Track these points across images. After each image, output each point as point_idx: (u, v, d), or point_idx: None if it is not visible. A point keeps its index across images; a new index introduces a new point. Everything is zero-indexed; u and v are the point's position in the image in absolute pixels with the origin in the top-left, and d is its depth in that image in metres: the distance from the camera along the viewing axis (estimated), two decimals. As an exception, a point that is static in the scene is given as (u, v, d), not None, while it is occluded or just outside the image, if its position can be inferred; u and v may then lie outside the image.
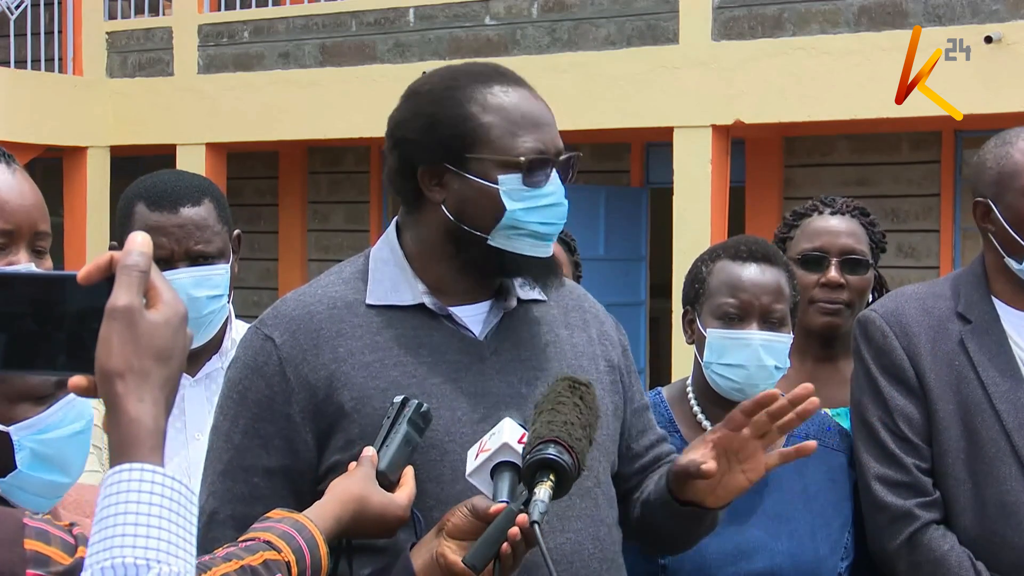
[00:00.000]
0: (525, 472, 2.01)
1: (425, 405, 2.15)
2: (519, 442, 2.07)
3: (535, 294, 2.40)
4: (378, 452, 2.11)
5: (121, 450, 1.40)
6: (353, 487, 2.04)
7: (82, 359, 1.43)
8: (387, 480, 2.09)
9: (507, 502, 2.01)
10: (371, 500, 2.04)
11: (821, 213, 3.43)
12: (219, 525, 2.22)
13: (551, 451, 2.00)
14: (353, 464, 2.11)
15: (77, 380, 1.45)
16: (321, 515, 1.98)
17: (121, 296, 1.42)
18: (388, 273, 2.35)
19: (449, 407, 2.24)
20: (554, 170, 2.28)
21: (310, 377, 2.25)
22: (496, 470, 2.06)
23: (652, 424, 2.56)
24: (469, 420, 2.24)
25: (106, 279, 1.45)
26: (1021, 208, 2.88)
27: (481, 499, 2.04)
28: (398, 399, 2.16)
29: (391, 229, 2.42)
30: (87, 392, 1.44)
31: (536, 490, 1.98)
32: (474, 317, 2.35)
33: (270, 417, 2.25)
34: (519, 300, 2.38)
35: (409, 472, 2.12)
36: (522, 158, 2.25)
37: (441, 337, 2.31)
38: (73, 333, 1.45)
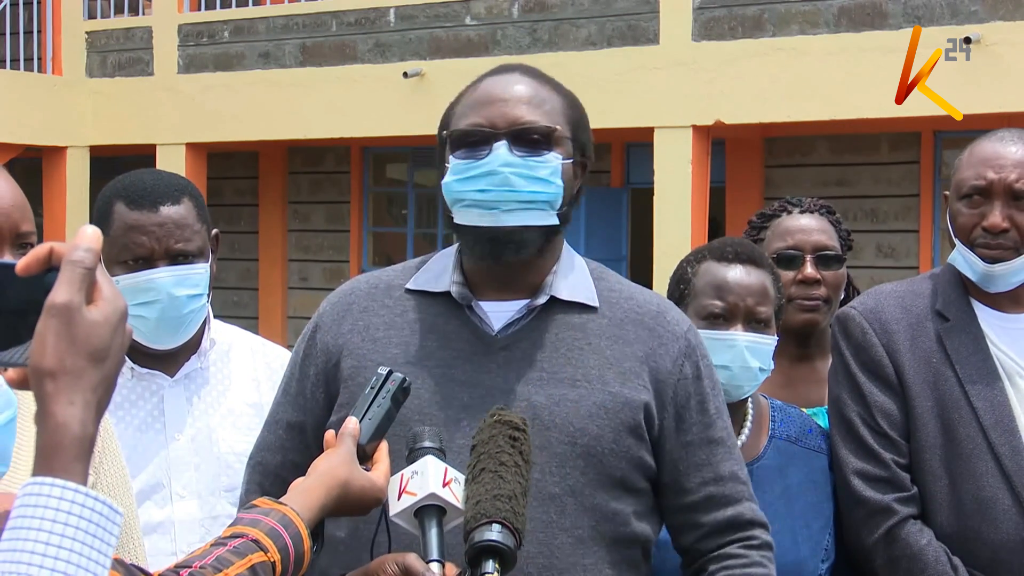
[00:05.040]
0: (468, 551, 2.00)
1: (408, 380, 2.17)
2: (444, 485, 2.07)
3: (583, 298, 2.43)
4: (360, 423, 2.12)
5: (45, 455, 1.38)
6: (338, 471, 2.03)
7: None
8: (363, 453, 2.10)
9: (439, 561, 2.01)
10: (353, 484, 2.03)
11: (790, 213, 3.47)
12: (251, 469, 2.50)
13: (496, 536, 1.98)
14: (330, 434, 2.12)
15: (11, 374, 1.43)
16: (307, 506, 1.97)
17: (61, 292, 1.39)
18: (441, 263, 2.46)
19: (430, 388, 2.31)
20: (501, 142, 2.33)
21: (329, 344, 2.44)
22: (423, 511, 2.06)
23: (714, 461, 2.43)
24: (447, 404, 2.29)
25: (45, 270, 1.42)
26: (952, 205, 2.98)
27: (414, 559, 2.02)
28: (383, 370, 2.17)
29: None
30: (21, 386, 1.42)
31: None
32: (500, 313, 2.39)
33: (299, 376, 2.47)
34: (564, 302, 2.41)
35: (384, 448, 2.13)
36: (443, 131, 2.40)
37: (457, 326, 2.38)
38: (9, 323, 1.42)
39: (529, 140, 2.35)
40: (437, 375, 2.32)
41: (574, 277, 2.44)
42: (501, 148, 2.33)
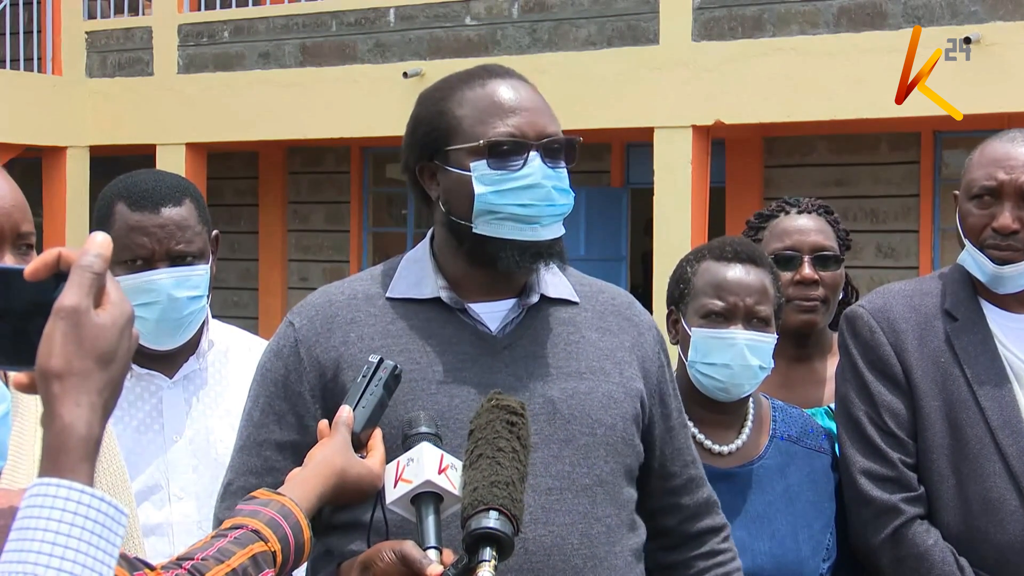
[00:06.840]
0: (466, 538, 1.99)
1: (399, 368, 2.17)
2: (440, 471, 2.06)
3: (566, 294, 2.45)
4: (353, 411, 2.12)
5: (51, 456, 1.39)
6: (334, 460, 2.04)
7: (25, 354, 1.42)
8: (357, 440, 2.11)
9: (436, 548, 2.01)
10: (350, 471, 2.05)
11: (788, 213, 3.47)
12: (231, 495, 2.33)
13: (493, 523, 1.97)
14: (324, 423, 2.13)
15: (19, 377, 1.44)
16: (305, 495, 1.98)
17: (70, 296, 1.41)
18: (414, 270, 2.42)
19: (448, 394, 2.29)
20: (535, 153, 2.31)
21: (321, 358, 2.35)
22: (419, 499, 2.06)
23: (687, 445, 2.57)
24: (466, 408, 2.26)
25: (53, 275, 1.44)
26: (962, 205, 2.98)
27: (411, 547, 2.02)
28: (373, 358, 2.17)
29: (430, 231, 2.49)
30: (29, 389, 1.44)
31: (480, 574, 1.95)
32: (493, 313, 2.39)
33: (284, 395, 2.36)
34: (548, 299, 2.42)
35: (378, 435, 2.14)
36: (480, 141, 2.31)
37: (454, 330, 2.36)
38: (18, 328, 1.44)
39: (554, 150, 2.34)
40: (449, 380, 2.31)
41: (550, 274, 2.46)
42: (536, 160, 2.31)
